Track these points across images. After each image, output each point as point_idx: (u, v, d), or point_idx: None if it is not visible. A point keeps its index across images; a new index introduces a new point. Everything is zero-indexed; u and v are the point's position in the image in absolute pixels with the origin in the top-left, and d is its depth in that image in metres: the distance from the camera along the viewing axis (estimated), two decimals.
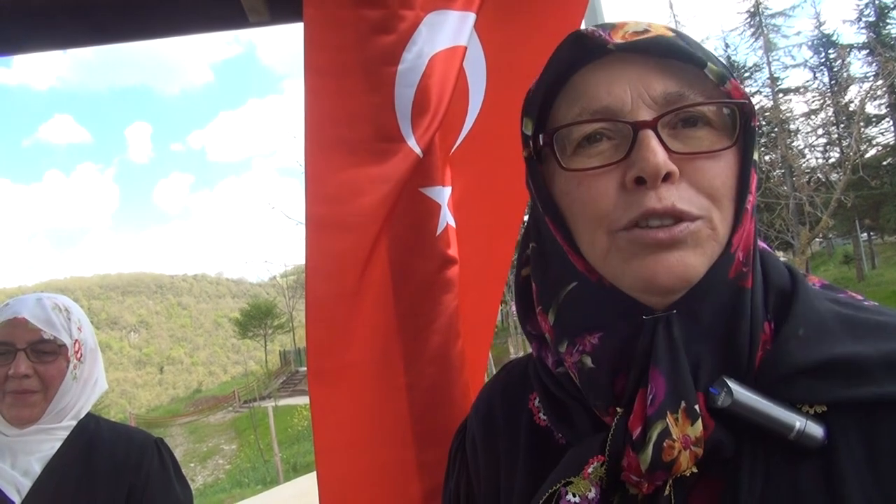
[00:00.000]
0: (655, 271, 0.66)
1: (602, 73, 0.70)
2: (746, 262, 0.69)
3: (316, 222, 1.38)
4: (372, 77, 1.39)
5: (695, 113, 0.68)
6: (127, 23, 1.84)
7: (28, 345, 1.53)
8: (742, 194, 0.68)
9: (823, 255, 41.14)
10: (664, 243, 0.65)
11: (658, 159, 0.64)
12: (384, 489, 1.37)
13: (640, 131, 0.66)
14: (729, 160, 0.68)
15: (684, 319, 0.67)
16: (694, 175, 0.66)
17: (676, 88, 0.68)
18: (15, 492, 1.49)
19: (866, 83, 27.65)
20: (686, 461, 0.63)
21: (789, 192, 19.84)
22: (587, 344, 0.71)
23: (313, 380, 1.36)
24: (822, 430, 0.63)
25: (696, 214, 0.66)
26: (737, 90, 0.68)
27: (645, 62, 0.69)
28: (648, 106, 0.67)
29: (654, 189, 0.65)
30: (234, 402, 44.77)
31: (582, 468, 0.68)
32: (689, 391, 0.64)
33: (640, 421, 0.65)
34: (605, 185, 0.68)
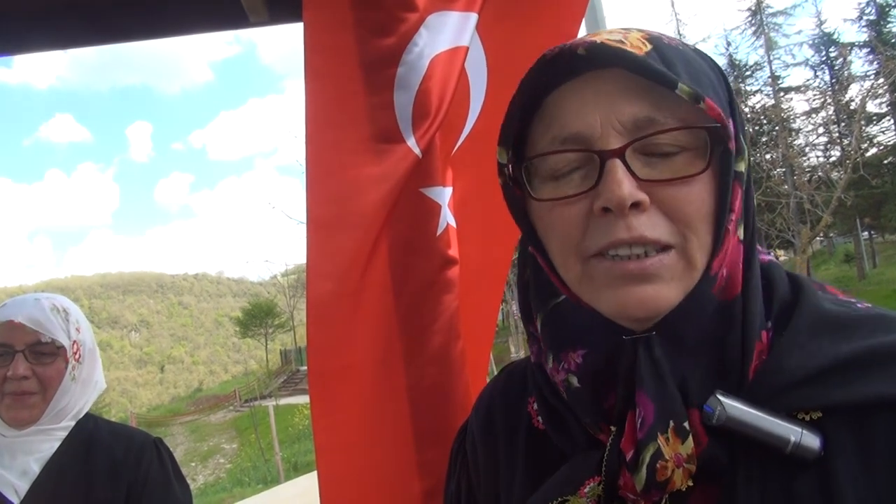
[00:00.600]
0: (626, 303, 0.65)
1: (573, 97, 0.69)
2: (731, 277, 0.68)
3: (317, 222, 1.38)
4: (372, 79, 1.39)
5: (666, 141, 0.65)
6: (127, 22, 1.84)
7: (26, 346, 1.53)
8: (721, 216, 0.66)
9: (824, 254, 41.14)
10: (635, 276, 0.65)
11: (623, 191, 0.63)
12: (385, 488, 1.37)
13: (608, 161, 0.65)
14: (704, 184, 0.66)
15: (665, 340, 0.66)
16: (665, 202, 0.65)
17: (646, 113, 0.66)
18: (13, 492, 1.49)
19: (867, 82, 27.66)
20: (680, 478, 0.64)
21: (790, 191, 19.83)
22: (571, 362, 0.72)
23: (314, 379, 1.36)
24: (818, 440, 0.63)
25: (667, 242, 0.65)
26: (712, 109, 0.65)
27: (616, 82, 0.67)
28: (618, 132, 0.66)
29: (623, 218, 0.64)
30: (235, 401, 44.82)
31: (578, 488, 0.69)
32: (676, 411, 0.64)
33: (632, 444, 0.65)
34: (575, 213, 0.68)
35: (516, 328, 26.05)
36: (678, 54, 0.68)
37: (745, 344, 0.67)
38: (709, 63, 0.72)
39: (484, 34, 1.57)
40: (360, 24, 1.39)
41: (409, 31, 1.39)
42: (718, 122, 0.65)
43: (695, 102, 0.65)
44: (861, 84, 29.47)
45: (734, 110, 0.70)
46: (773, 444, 0.63)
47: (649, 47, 0.67)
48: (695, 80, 0.66)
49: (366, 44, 1.39)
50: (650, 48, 0.67)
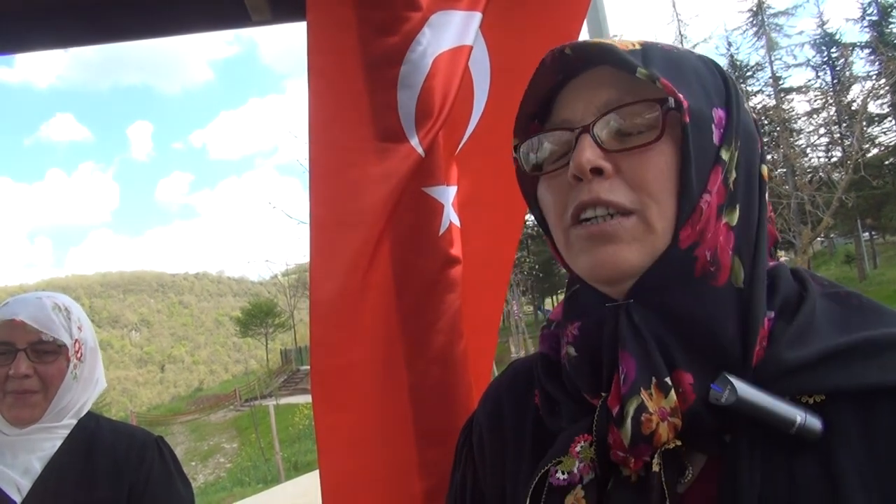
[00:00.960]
0: (594, 263, 0.73)
1: (570, 92, 0.79)
2: (714, 263, 0.72)
3: (320, 221, 1.38)
4: (375, 78, 1.39)
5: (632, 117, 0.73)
6: (129, 21, 1.84)
7: (28, 345, 1.52)
8: (685, 190, 0.71)
9: (825, 255, 41.13)
10: (596, 236, 0.72)
11: (584, 156, 0.71)
12: (386, 488, 1.37)
13: (580, 135, 0.73)
14: (662, 154, 0.72)
15: (643, 308, 0.72)
16: (628, 171, 0.72)
17: (616, 95, 0.74)
18: (16, 491, 1.49)
19: (869, 82, 27.62)
20: (665, 432, 0.67)
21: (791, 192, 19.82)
22: (569, 334, 0.79)
23: (316, 378, 1.36)
24: (820, 422, 0.65)
25: (627, 207, 0.71)
26: (667, 87, 0.71)
27: (601, 76, 0.76)
28: (593, 114, 0.74)
29: (587, 183, 0.72)
30: (236, 400, 44.84)
31: (569, 447, 0.74)
32: (658, 367, 0.69)
33: (618, 399, 0.69)
34: (560, 185, 0.76)
35: (517, 328, 26.06)
36: (663, 53, 0.76)
37: (748, 331, 0.70)
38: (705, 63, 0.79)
39: (487, 33, 1.57)
40: (364, 23, 1.39)
41: (412, 31, 1.39)
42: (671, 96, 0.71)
43: (651, 82, 0.72)
44: (863, 85, 29.44)
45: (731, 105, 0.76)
46: (778, 424, 0.65)
47: (638, 47, 0.76)
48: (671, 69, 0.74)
49: (369, 43, 1.39)
50: (638, 48, 0.76)
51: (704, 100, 0.74)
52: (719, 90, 0.76)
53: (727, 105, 0.76)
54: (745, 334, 0.70)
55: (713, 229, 0.72)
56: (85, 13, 1.78)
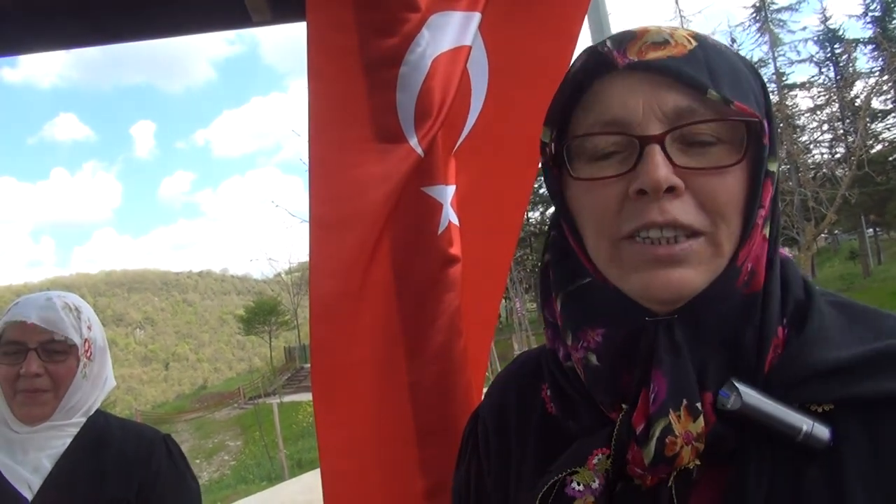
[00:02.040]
0: (653, 286, 0.68)
1: (617, 85, 0.71)
2: (755, 271, 0.70)
3: (320, 221, 1.39)
4: (374, 79, 1.40)
5: (705, 131, 0.68)
6: (129, 23, 1.85)
7: (39, 344, 1.54)
8: (751, 210, 0.69)
9: (829, 252, 41.01)
10: (664, 260, 0.67)
11: (660, 174, 0.66)
12: (387, 485, 1.38)
13: (647, 146, 0.67)
14: (737, 176, 0.69)
15: (686, 325, 0.69)
16: (699, 190, 0.68)
17: (688, 103, 0.68)
18: (27, 488, 1.50)
19: (872, 78, 27.47)
20: (688, 455, 0.66)
21: (794, 188, 19.76)
22: (591, 340, 0.73)
23: (317, 377, 1.37)
24: (828, 431, 0.65)
25: (699, 229, 0.67)
26: (743, 109, 0.68)
27: (660, 74, 0.69)
28: (659, 120, 0.68)
29: (657, 201, 0.67)
30: (239, 398, 44.88)
31: (586, 459, 0.71)
32: (690, 390, 0.66)
33: (644, 418, 0.67)
34: (610, 194, 0.70)
35: (520, 325, 26.01)
36: (722, 57, 0.72)
37: (763, 338, 0.69)
38: (748, 67, 0.75)
39: (486, 33, 1.58)
40: (363, 24, 1.39)
41: (411, 32, 1.40)
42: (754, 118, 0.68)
43: (726, 104, 0.68)
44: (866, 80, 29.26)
45: (769, 112, 0.73)
46: (785, 431, 0.65)
47: (694, 44, 0.71)
48: (734, 83, 0.70)
49: (368, 44, 1.39)
50: (695, 45, 0.71)
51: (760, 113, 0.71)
52: (761, 98, 0.73)
53: (768, 113, 0.73)
54: (761, 342, 0.69)
55: (759, 242, 0.71)
56: (86, 15, 1.79)
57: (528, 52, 1.63)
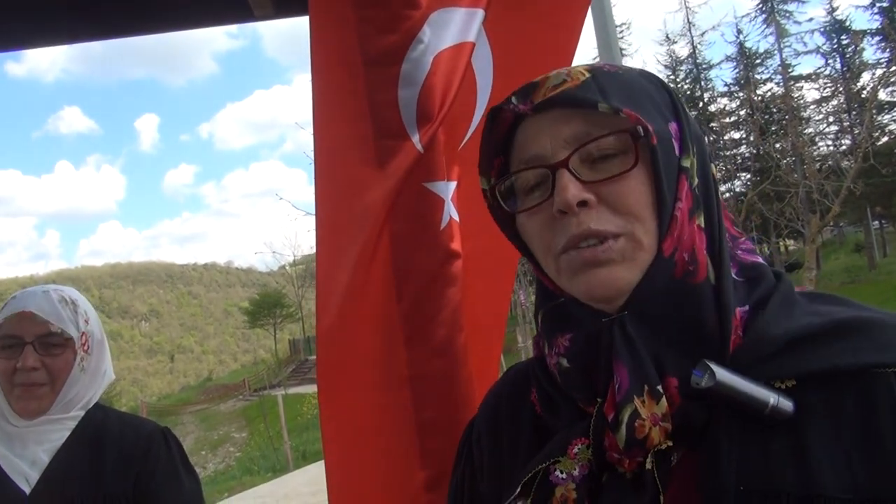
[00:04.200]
0: (591, 285, 0.77)
1: (529, 128, 0.83)
2: (693, 261, 0.77)
3: (325, 216, 1.41)
4: (376, 76, 1.40)
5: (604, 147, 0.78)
6: (131, 18, 1.85)
7: (36, 338, 1.54)
8: (662, 206, 0.77)
9: (834, 244, 40.85)
10: (590, 261, 0.76)
11: (569, 193, 0.76)
12: (389, 477, 1.39)
13: (556, 171, 0.78)
14: (638, 178, 0.77)
15: (636, 318, 0.76)
16: (608, 198, 0.77)
17: (583, 128, 0.78)
18: (24, 481, 1.51)
19: (879, 70, 27.32)
20: (657, 435, 0.72)
21: (799, 180, 19.66)
22: (560, 346, 0.82)
23: (321, 369, 1.39)
24: (791, 404, 0.71)
25: (615, 232, 0.76)
26: (631, 117, 0.77)
27: (561, 110, 0.80)
28: (563, 148, 0.79)
29: (575, 216, 0.76)
30: (244, 390, 45.01)
31: (567, 449, 0.79)
32: (649, 375, 0.74)
33: (613, 407, 0.74)
34: (542, 219, 0.81)
35: (524, 318, 26.00)
36: (614, 78, 0.81)
37: (723, 321, 0.76)
38: (651, 81, 0.85)
39: (490, 29, 1.58)
40: (364, 22, 1.40)
41: (412, 29, 1.40)
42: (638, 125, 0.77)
43: (615, 114, 0.77)
44: (873, 72, 29.13)
45: (679, 116, 0.82)
46: (753, 406, 0.71)
47: (588, 76, 0.81)
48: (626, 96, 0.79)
49: (369, 42, 1.40)
50: (588, 76, 0.81)
51: (660, 117, 0.80)
52: (667, 104, 0.82)
53: (677, 117, 0.82)
54: (722, 326, 0.76)
55: (688, 232, 0.78)
56: (89, 9, 1.79)
57: (532, 47, 1.63)
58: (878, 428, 0.68)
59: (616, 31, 1.99)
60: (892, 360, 0.70)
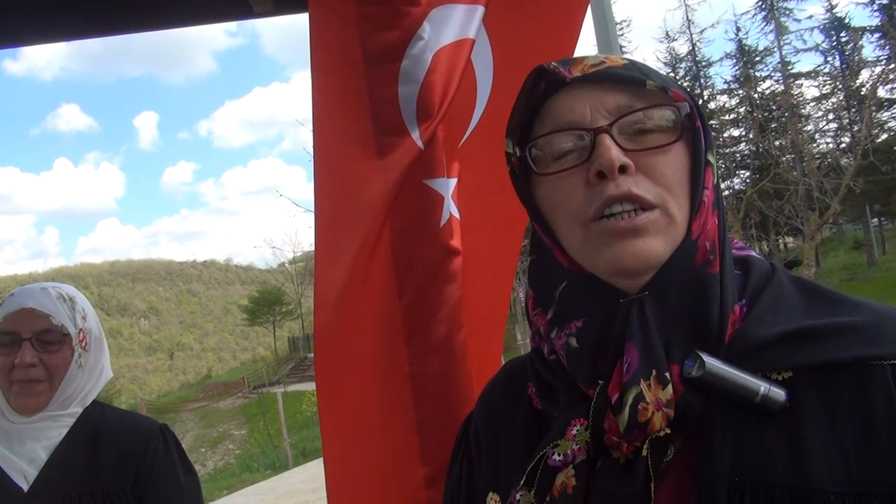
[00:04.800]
0: (622, 257, 0.77)
1: (567, 97, 0.83)
2: (713, 251, 0.79)
3: (325, 213, 1.41)
4: (376, 73, 1.40)
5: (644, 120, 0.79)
6: (130, 14, 1.84)
7: (33, 334, 1.54)
8: (696, 187, 0.79)
9: (833, 241, 40.86)
10: (627, 231, 0.76)
11: (612, 154, 0.76)
12: (389, 474, 1.39)
13: (598, 135, 0.78)
14: (678, 155, 0.79)
15: (655, 300, 0.77)
16: (647, 168, 0.78)
17: (627, 101, 0.80)
18: (22, 478, 1.51)
19: (878, 67, 27.26)
20: (659, 421, 0.73)
21: (799, 178, 19.67)
22: (573, 328, 0.82)
23: (320, 366, 1.38)
24: (784, 393, 0.72)
25: (652, 201, 0.77)
26: (678, 96, 0.80)
27: (601, 83, 0.81)
28: (604, 116, 0.80)
29: (613, 180, 0.77)
30: (244, 387, 45.06)
31: (565, 431, 0.79)
32: (659, 360, 0.74)
33: (618, 388, 0.74)
34: (573, 184, 0.80)
35: (523, 315, 25.96)
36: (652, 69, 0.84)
37: (723, 314, 0.77)
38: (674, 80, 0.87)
39: (490, 26, 1.57)
40: (363, 18, 1.39)
41: (412, 26, 1.39)
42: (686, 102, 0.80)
43: (662, 91, 0.80)
44: (872, 69, 29.05)
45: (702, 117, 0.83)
46: (744, 395, 0.72)
47: (626, 61, 0.83)
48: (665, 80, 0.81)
49: (369, 38, 1.39)
50: (627, 61, 0.83)
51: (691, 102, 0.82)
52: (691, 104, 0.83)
53: (700, 116, 0.83)
54: (721, 318, 0.77)
55: (711, 222, 0.80)
56: (87, 6, 1.78)
57: (532, 44, 1.63)
58: (874, 421, 0.69)
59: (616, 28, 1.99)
60: (887, 352, 0.71)
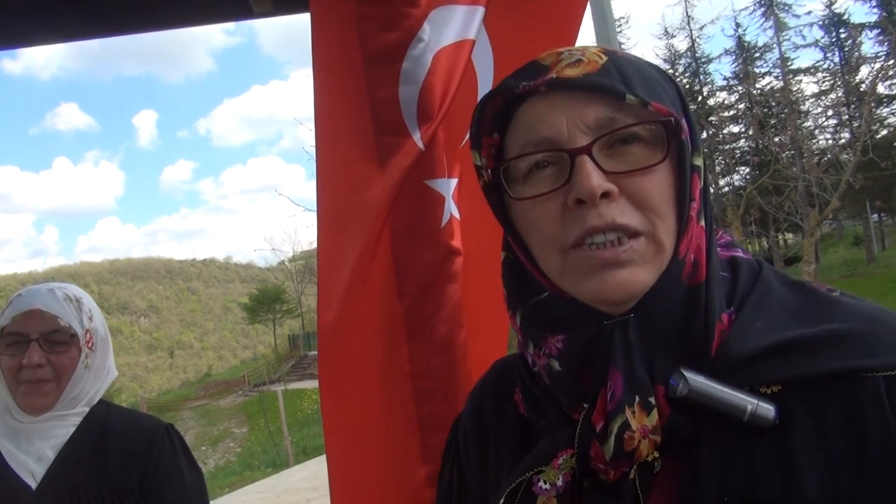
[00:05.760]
0: (605, 289, 0.72)
1: (541, 106, 0.76)
2: (697, 263, 0.74)
3: (327, 213, 1.41)
4: (377, 74, 1.40)
5: (626, 136, 0.72)
6: (129, 15, 1.84)
7: (41, 335, 1.56)
8: (683, 203, 0.73)
9: (833, 237, 40.87)
10: (610, 262, 0.71)
11: (593, 182, 0.69)
12: (391, 472, 1.40)
13: (577, 157, 0.71)
14: (664, 173, 0.73)
15: (640, 322, 0.72)
16: (631, 191, 0.71)
17: (607, 113, 0.72)
18: (30, 476, 1.53)
19: (878, 63, 27.26)
20: (646, 448, 0.69)
21: (798, 174, 19.66)
22: (552, 347, 0.77)
23: (323, 364, 1.39)
24: (773, 410, 0.68)
25: (637, 229, 0.71)
26: (660, 110, 0.72)
27: (580, 93, 0.73)
28: (583, 132, 0.72)
29: (595, 207, 0.70)
30: (244, 385, 45.07)
31: (551, 460, 0.75)
32: (643, 386, 0.70)
33: (602, 416, 0.70)
34: (551, 208, 0.74)
35: None
36: (631, 66, 0.76)
37: (708, 325, 0.72)
38: (661, 73, 0.79)
39: (490, 27, 1.58)
40: (364, 20, 1.40)
41: (413, 27, 1.40)
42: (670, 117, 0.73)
43: (643, 107, 0.72)
44: (871, 65, 29.07)
45: (687, 113, 0.77)
46: (732, 413, 0.68)
47: (605, 59, 0.75)
48: (648, 88, 0.74)
49: (370, 39, 1.40)
50: (606, 59, 0.75)
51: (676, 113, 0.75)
52: (675, 98, 0.77)
53: (685, 113, 0.77)
54: (706, 330, 0.72)
55: (696, 233, 0.75)
56: (87, 6, 1.78)
57: (532, 42, 1.63)
58: (866, 436, 0.66)
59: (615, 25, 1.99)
60: (880, 364, 0.67)
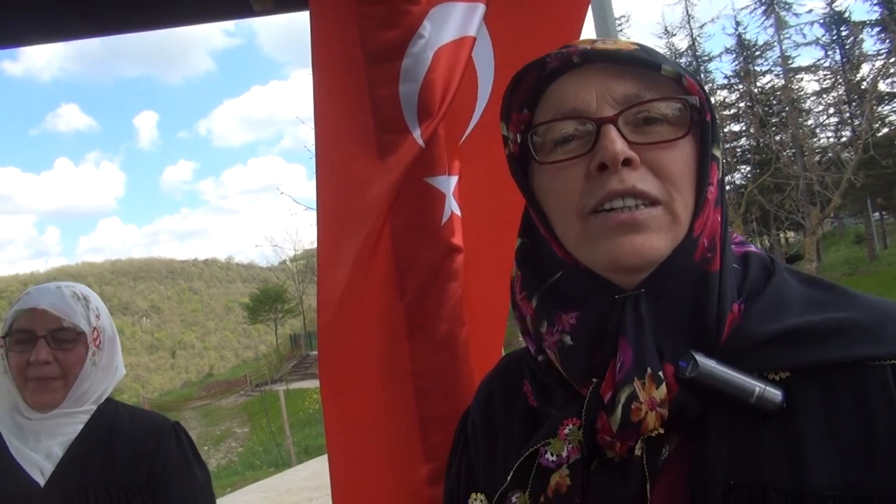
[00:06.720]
0: (620, 252, 0.74)
1: (571, 82, 0.80)
2: (711, 248, 0.76)
3: (327, 212, 1.41)
4: (377, 72, 1.40)
5: (651, 111, 0.76)
6: (129, 14, 1.84)
7: (48, 332, 1.57)
8: (701, 184, 0.76)
9: (835, 236, 40.83)
10: (627, 225, 0.73)
11: (616, 147, 0.73)
12: (393, 470, 1.40)
13: (603, 126, 0.75)
14: (685, 150, 0.76)
15: (652, 297, 0.74)
16: (653, 162, 0.75)
17: (634, 90, 0.76)
18: (39, 473, 1.54)
19: (879, 61, 27.24)
20: (653, 421, 0.70)
21: (800, 172, 19.65)
22: (565, 323, 0.79)
23: (324, 363, 1.39)
24: (780, 394, 0.70)
25: (656, 196, 0.74)
26: (692, 86, 0.76)
27: (608, 70, 0.78)
28: (611, 105, 0.76)
29: (616, 173, 0.74)
30: (246, 385, 45.13)
31: (558, 429, 0.77)
32: (653, 359, 0.72)
33: (611, 387, 0.72)
34: (574, 174, 0.77)
35: None
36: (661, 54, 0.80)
37: (720, 313, 0.74)
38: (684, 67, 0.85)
39: (491, 24, 1.58)
40: (364, 17, 1.40)
41: (413, 24, 1.40)
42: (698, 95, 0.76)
43: (677, 80, 0.76)
44: (872, 63, 29.05)
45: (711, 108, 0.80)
46: (739, 395, 0.70)
47: (636, 46, 0.79)
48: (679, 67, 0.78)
49: (370, 37, 1.40)
50: (637, 47, 0.79)
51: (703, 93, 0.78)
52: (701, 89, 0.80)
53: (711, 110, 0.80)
54: (718, 318, 0.74)
55: (713, 219, 0.77)
56: (87, 6, 1.78)
57: (533, 41, 1.63)
58: (873, 423, 0.67)
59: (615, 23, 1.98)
60: (887, 353, 0.69)
